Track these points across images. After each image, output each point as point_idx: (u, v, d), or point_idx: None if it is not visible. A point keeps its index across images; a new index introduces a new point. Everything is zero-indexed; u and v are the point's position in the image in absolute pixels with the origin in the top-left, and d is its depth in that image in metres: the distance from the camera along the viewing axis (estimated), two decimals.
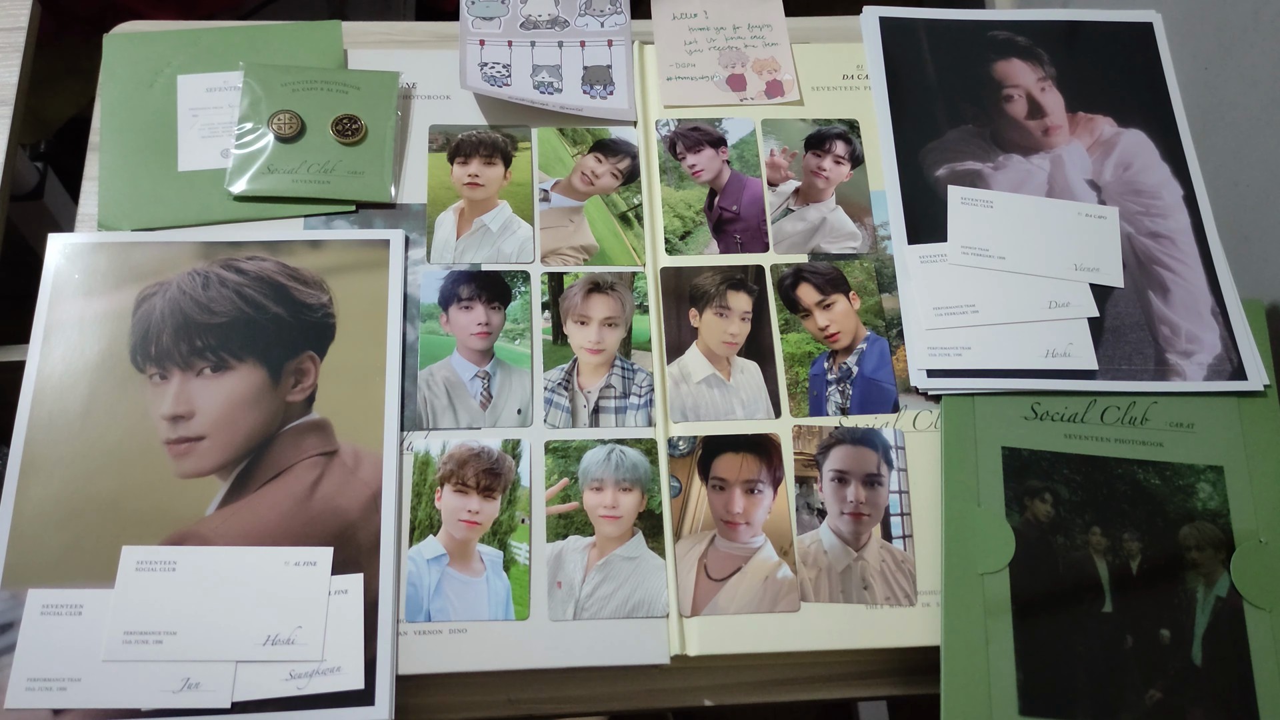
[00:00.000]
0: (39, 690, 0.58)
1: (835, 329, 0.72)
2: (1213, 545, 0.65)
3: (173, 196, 0.73)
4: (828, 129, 0.79)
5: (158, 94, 0.76)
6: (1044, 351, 0.70)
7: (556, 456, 0.67)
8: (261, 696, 0.59)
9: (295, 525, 0.63)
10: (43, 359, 0.66)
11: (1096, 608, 0.63)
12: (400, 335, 0.69)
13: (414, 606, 0.62)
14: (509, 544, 0.64)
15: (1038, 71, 0.81)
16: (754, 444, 0.68)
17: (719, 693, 0.64)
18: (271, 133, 0.75)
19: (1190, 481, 0.67)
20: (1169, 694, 0.61)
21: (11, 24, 0.79)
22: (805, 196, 0.77)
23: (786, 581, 0.64)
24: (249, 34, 0.79)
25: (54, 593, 0.60)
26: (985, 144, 0.78)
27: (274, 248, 0.71)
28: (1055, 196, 0.76)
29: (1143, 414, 0.69)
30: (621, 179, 0.77)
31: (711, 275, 0.73)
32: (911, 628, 0.63)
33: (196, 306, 0.68)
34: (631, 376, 0.69)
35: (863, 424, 0.69)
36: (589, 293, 0.72)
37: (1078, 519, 0.65)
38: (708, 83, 0.81)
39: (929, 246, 0.74)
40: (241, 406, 0.65)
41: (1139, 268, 0.74)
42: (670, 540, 0.65)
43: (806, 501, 0.66)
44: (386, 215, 0.74)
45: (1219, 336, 0.72)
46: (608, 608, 0.63)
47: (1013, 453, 0.67)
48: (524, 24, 0.82)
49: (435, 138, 0.77)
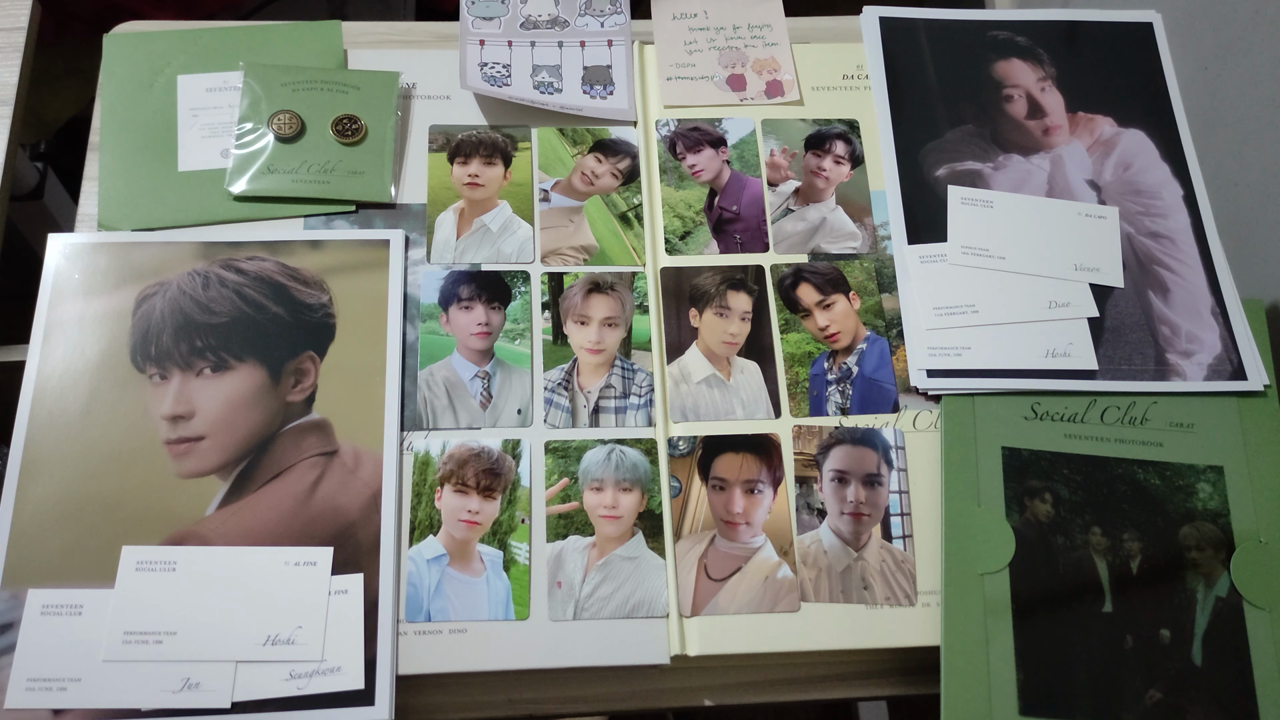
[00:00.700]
0: (39, 690, 0.58)
1: (835, 329, 0.72)
2: (1213, 545, 0.65)
3: (173, 196, 0.73)
4: (828, 129, 0.79)
5: (158, 94, 0.76)
6: (1044, 351, 0.70)
7: (556, 456, 0.67)
8: (261, 696, 0.59)
9: (295, 525, 0.63)
10: (43, 359, 0.66)
11: (1096, 608, 0.63)
12: (400, 335, 0.69)
13: (414, 606, 0.62)
14: (509, 544, 0.64)
15: (1038, 71, 0.81)
16: (754, 444, 0.68)
17: (719, 693, 0.64)
18: (271, 133, 0.75)
19: (1190, 481, 0.67)
20: (1169, 694, 0.61)
21: (11, 24, 0.79)
22: (805, 196, 0.77)
23: (786, 581, 0.64)
24: (249, 34, 0.79)
25: (54, 593, 0.60)
26: (985, 144, 0.78)
27: (274, 248, 0.71)
28: (1055, 196, 0.76)
29: (1143, 414, 0.69)
30: (621, 179, 0.77)
31: (711, 275, 0.73)
32: (911, 628, 0.63)
33: (196, 306, 0.68)
34: (631, 376, 0.69)
35: (863, 424, 0.69)
36: (589, 293, 0.72)
37: (1078, 519, 0.65)
38: (708, 83, 0.81)
39: (929, 246, 0.74)
40: (241, 406, 0.65)
41: (1139, 268, 0.74)
42: (670, 540, 0.65)
43: (806, 501, 0.66)
44: (386, 215, 0.74)
45: (1219, 336, 0.72)
46: (608, 608, 0.63)
47: (1013, 453, 0.67)
48: (524, 24, 0.82)
49: (435, 138, 0.77)
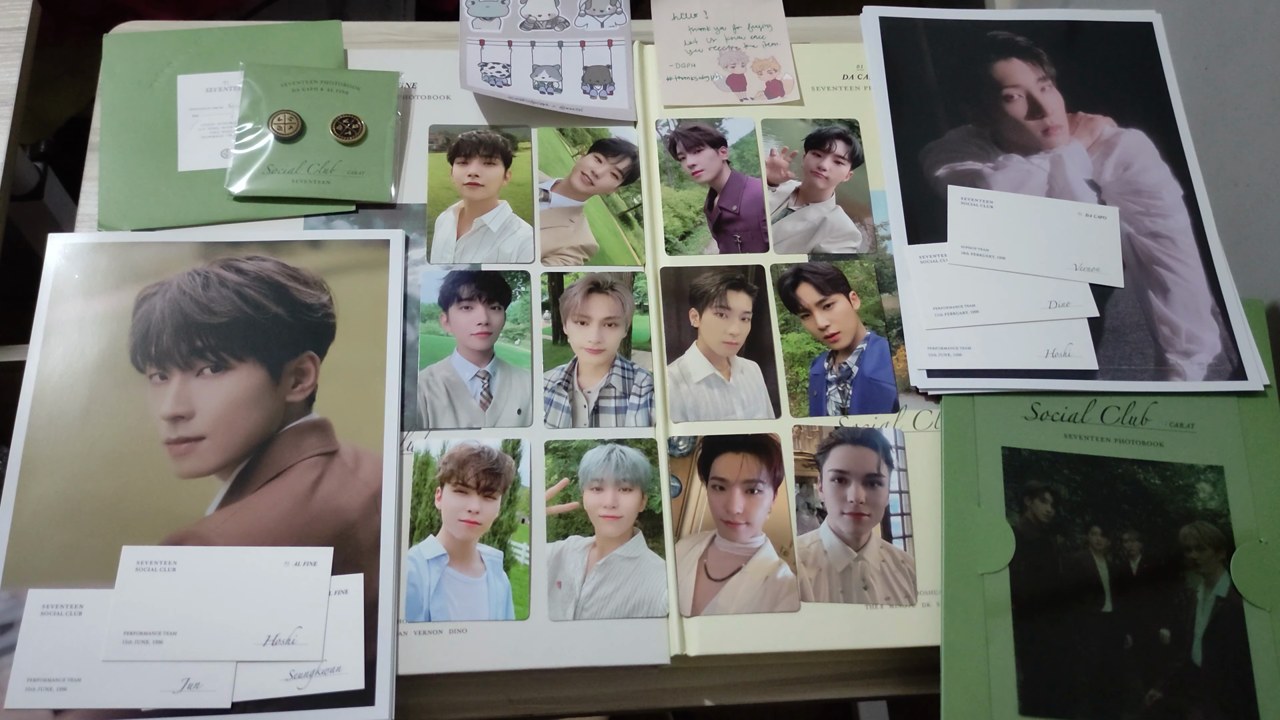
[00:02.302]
0: (39, 690, 0.58)
1: (835, 329, 0.72)
2: (1213, 545, 0.65)
3: (173, 196, 0.73)
4: (828, 129, 0.79)
5: (158, 94, 0.76)
6: (1044, 351, 0.70)
7: (556, 456, 0.67)
8: (261, 696, 0.59)
9: (295, 525, 0.63)
10: (43, 359, 0.66)
11: (1096, 608, 0.63)
12: (400, 335, 0.69)
13: (414, 606, 0.62)
14: (509, 544, 0.64)
15: (1038, 71, 0.81)
16: (754, 444, 0.68)
17: (719, 693, 0.64)
18: (271, 133, 0.75)
19: (1190, 481, 0.67)
20: (1169, 694, 0.61)
21: (11, 24, 0.79)
22: (805, 196, 0.77)
23: (786, 581, 0.64)
24: (249, 34, 0.79)
25: (54, 593, 0.60)
26: (985, 144, 0.78)
27: (274, 248, 0.71)
28: (1055, 196, 0.76)
29: (1143, 414, 0.69)
30: (621, 179, 0.77)
31: (711, 275, 0.73)
32: (911, 628, 0.63)
33: (196, 306, 0.68)
34: (631, 376, 0.69)
35: (863, 424, 0.69)
36: (589, 293, 0.72)
37: (1078, 519, 0.65)
38: (708, 83, 0.81)
39: (929, 246, 0.74)
40: (241, 406, 0.65)
41: (1139, 268, 0.74)
42: (670, 540, 0.65)
43: (806, 501, 0.66)
44: (386, 215, 0.74)
45: (1219, 336, 0.72)
46: (608, 608, 0.63)
47: (1013, 453, 0.67)
48: (524, 24, 0.82)
49: (435, 138, 0.77)
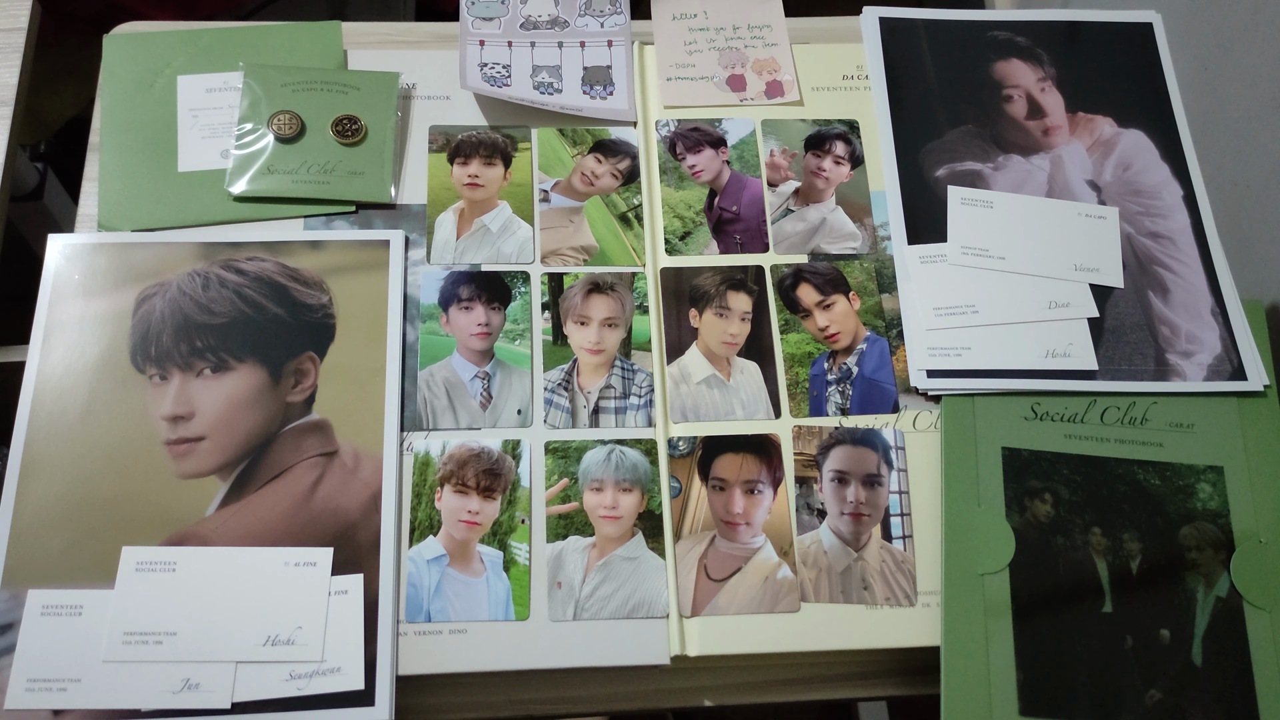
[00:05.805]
0: (39, 691, 0.58)
1: (835, 329, 0.72)
2: (1212, 545, 0.65)
3: (173, 197, 0.73)
4: (827, 129, 0.79)
5: (158, 94, 0.76)
6: (1044, 352, 0.70)
7: (556, 457, 0.67)
8: (261, 697, 0.59)
9: (295, 526, 0.63)
10: (43, 359, 0.66)
11: (1096, 608, 0.63)
12: (400, 336, 0.69)
13: (414, 607, 0.62)
14: (509, 544, 0.64)
15: (1038, 72, 0.81)
16: (754, 444, 0.68)
17: (719, 693, 0.64)
18: (271, 133, 0.75)
19: (1190, 482, 0.67)
20: (1169, 694, 0.61)
21: (11, 24, 0.79)
22: (805, 197, 0.77)
23: (786, 582, 0.64)
24: (249, 34, 0.79)
25: (54, 593, 0.60)
26: (985, 144, 0.78)
27: (274, 248, 0.71)
28: (1055, 197, 0.76)
29: (1143, 414, 0.69)
30: (621, 179, 0.77)
31: (711, 275, 0.73)
32: (911, 628, 0.63)
33: (196, 307, 0.68)
34: (631, 377, 0.69)
35: (863, 424, 0.69)
36: (589, 293, 0.72)
37: (1078, 519, 0.65)
38: (708, 83, 0.81)
39: (929, 247, 0.74)
40: (241, 407, 0.65)
41: (1139, 268, 0.74)
42: (670, 540, 0.65)
43: (806, 502, 0.66)
44: (386, 216, 0.74)
45: (1219, 337, 0.72)
46: (608, 608, 0.63)
47: (1013, 453, 0.67)
48: (524, 24, 0.82)
49: (435, 138, 0.77)
